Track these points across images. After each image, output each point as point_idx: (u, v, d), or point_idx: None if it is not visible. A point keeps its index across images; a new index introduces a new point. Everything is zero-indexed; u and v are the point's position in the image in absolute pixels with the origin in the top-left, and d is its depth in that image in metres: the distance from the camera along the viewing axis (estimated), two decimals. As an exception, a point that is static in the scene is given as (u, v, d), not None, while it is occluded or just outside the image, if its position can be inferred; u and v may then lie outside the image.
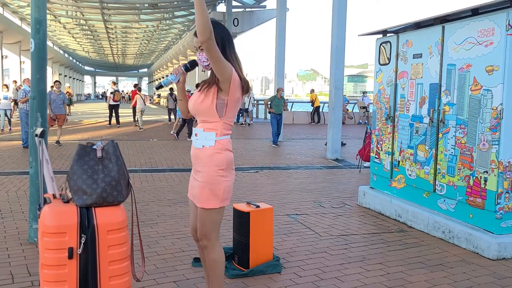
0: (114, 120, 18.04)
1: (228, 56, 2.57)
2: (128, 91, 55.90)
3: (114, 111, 17.96)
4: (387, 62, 5.69)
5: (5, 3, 26.25)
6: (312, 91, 24.67)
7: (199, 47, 2.57)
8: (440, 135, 4.76)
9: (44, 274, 2.09)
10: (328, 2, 11.18)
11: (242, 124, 20.65)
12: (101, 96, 70.19)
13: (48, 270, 2.08)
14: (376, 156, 5.93)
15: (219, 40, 2.53)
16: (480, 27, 4.23)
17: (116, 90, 18.14)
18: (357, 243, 4.48)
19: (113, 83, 19.21)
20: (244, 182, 7.46)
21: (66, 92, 21.17)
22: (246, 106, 20.31)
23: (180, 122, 14.84)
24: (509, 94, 4.02)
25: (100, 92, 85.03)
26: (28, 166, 4.35)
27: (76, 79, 64.30)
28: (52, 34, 36.45)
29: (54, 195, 2.30)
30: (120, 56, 55.47)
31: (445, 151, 4.69)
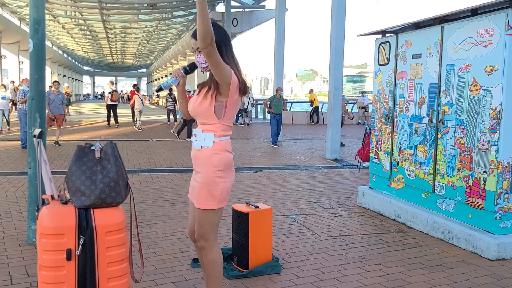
0: (113, 120, 18.01)
1: (226, 58, 2.55)
2: (127, 91, 55.92)
3: (112, 111, 17.95)
4: (386, 62, 5.68)
5: (4, 3, 26.22)
6: (311, 91, 24.67)
7: (197, 49, 2.56)
8: (440, 136, 4.75)
9: (42, 275, 2.08)
10: (327, 2, 11.18)
11: (241, 124, 20.64)
12: (100, 96, 70.15)
13: (46, 271, 2.07)
14: (376, 157, 5.93)
15: (217, 42, 2.52)
16: (479, 27, 4.23)
17: (114, 90, 18.13)
18: (356, 243, 4.47)
19: (111, 83, 19.21)
20: (243, 182, 7.45)
21: (64, 92, 21.14)
22: (245, 106, 20.31)
23: (181, 122, 14.84)
24: (508, 95, 4.02)
25: (99, 92, 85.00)
26: (27, 167, 4.34)
27: (75, 79, 64.23)
28: (51, 34, 36.41)
29: (52, 196, 2.29)
30: (119, 56, 55.42)
31: (444, 151, 4.69)
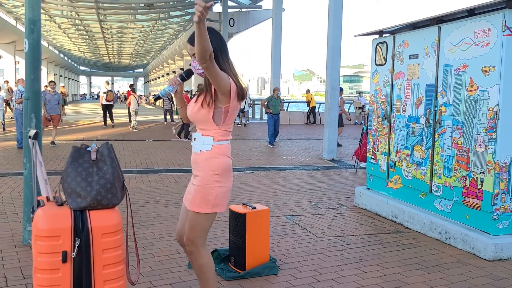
0: (109, 120, 17.99)
1: (222, 64, 2.53)
2: (123, 91, 55.78)
3: (107, 111, 17.93)
4: (383, 63, 5.68)
5: (-1, 3, 26.13)
6: (308, 91, 24.68)
7: (193, 54, 2.53)
8: (437, 136, 4.75)
9: (38, 278, 2.06)
10: (324, 2, 11.18)
11: (238, 124, 20.64)
12: (96, 97, 70.00)
13: (42, 274, 2.05)
14: (373, 157, 5.92)
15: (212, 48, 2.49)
16: (476, 28, 4.23)
17: (109, 90, 18.11)
18: (353, 244, 4.47)
19: (106, 82, 19.17)
20: (240, 182, 7.44)
21: (60, 92, 21.09)
22: (242, 107, 20.31)
23: (181, 122, 14.82)
24: (505, 95, 4.02)
25: (96, 92, 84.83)
26: (22, 168, 4.31)
27: (72, 79, 64.04)
28: (47, 34, 36.28)
29: (48, 197, 2.27)
30: (115, 56, 55.28)
31: (441, 151, 4.69)
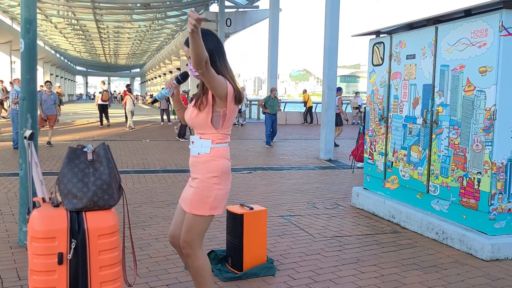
0: (105, 120, 17.96)
1: (219, 67, 2.53)
2: (120, 91, 55.67)
3: (103, 111, 17.91)
4: (380, 63, 5.68)
5: (-5, 2, 26.02)
6: (305, 91, 24.67)
7: (190, 56, 2.51)
8: (434, 136, 4.75)
9: (33, 280, 2.04)
10: (321, 2, 11.19)
11: (235, 124, 20.62)
12: (93, 97, 69.85)
13: (37, 276, 2.03)
14: (370, 157, 5.92)
15: (208, 52, 2.48)
16: (473, 28, 4.23)
17: (104, 90, 18.08)
18: (351, 244, 4.46)
19: (102, 82, 19.13)
20: (237, 183, 7.43)
21: (55, 92, 21.03)
22: (239, 107, 20.31)
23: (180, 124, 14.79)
24: (502, 95, 4.02)
25: (92, 92, 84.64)
26: (18, 168, 4.29)
27: (68, 79, 63.85)
28: (43, 34, 36.16)
29: (43, 199, 2.25)
30: (112, 56, 55.18)
31: (438, 152, 4.69)
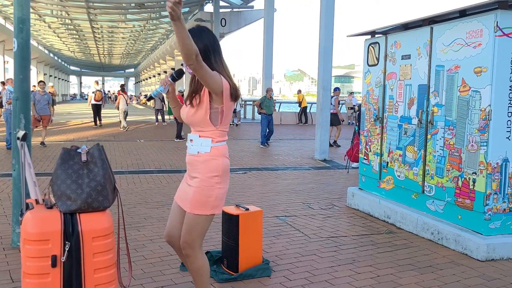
0: (103, 120, 17.94)
1: (215, 64, 2.51)
2: (114, 91, 55.48)
3: (97, 111, 17.88)
4: (375, 63, 5.68)
5: (-12, 2, 25.81)
6: (299, 91, 24.68)
7: None
8: (429, 136, 4.76)
9: (26, 283, 2.01)
10: (316, 2, 11.19)
11: (230, 124, 20.57)
12: (87, 97, 69.59)
13: (31, 279, 2.00)
14: (365, 157, 5.92)
15: (203, 48, 2.47)
16: (468, 29, 4.24)
17: (98, 90, 18.02)
18: (346, 245, 4.45)
19: (96, 82, 19.06)
20: (232, 183, 7.41)
21: (48, 92, 20.92)
22: (234, 107, 20.28)
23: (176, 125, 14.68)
24: (497, 96, 4.03)
25: (86, 92, 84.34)
26: (11, 169, 4.24)
27: (62, 79, 63.53)
28: (37, 34, 35.94)
29: (37, 200, 2.22)
30: (106, 56, 54.95)
31: (433, 152, 4.69)
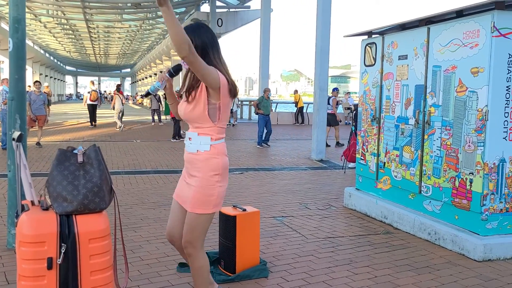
0: (98, 120, 17.87)
1: (213, 60, 2.49)
2: (110, 91, 55.31)
3: (92, 111, 17.85)
4: (372, 63, 5.68)
5: (-17, 1, 25.67)
6: (296, 91, 24.69)
7: None
8: (426, 137, 4.76)
9: (22, 285, 1.99)
10: (312, 3, 11.20)
11: (227, 124, 20.57)
12: (82, 97, 69.41)
13: (26, 281, 1.98)
14: (362, 158, 5.92)
15: (201, 45, 2.45)
16: (465, 29, 4.24)
17: (93, 90, 17.99)
18: (344, 245, 4.45)
19: (91, 82, 19.04)
20: (229, 183, 7.32)
21: (43, 92, 20.87)
22: (231, 106, 20.25)
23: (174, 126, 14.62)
24: (494, 96, 4.03)
25: (82, 92, 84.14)
26: (7, 169, 4.21)
27: (58, 79, 63.32)
28: (32, 33, 35.81)
29: (32, 202, 2.20)
30: (102, 56, 54.83)
31: (430, 152, 4.69)
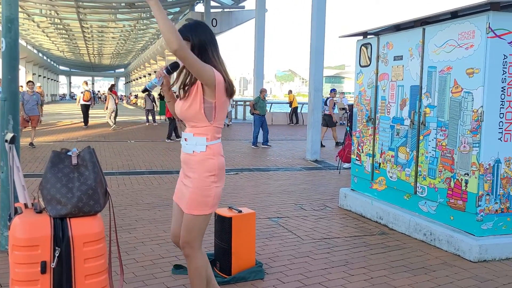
0: (90, 121, 17.78)
1: (211, 58, 2.47)
2: (104, 92, 55.12)
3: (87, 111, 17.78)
4: (367, 64, 5.68)
5: (-25, 0, 25.47)
6: (290, 92, 24.69)
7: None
8: (421, 137, 4.76)
9: (15, 290, 1.96)
10: (307, 3, 11.20)
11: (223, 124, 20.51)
12: (76, 97, 69.11)
13: (19, 286, 1.95)
14: (357, 158, 5.92)
15: (199, 43, 2.44)
16: (460, 30, 4.25)
17: (86, 90, 17.91)
18: (339, 246, 4.44)
19: (85, 83, 18.96)
20: (224, 184, 7.35)
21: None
22: (228, 107, 20.21)
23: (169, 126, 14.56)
24: (489, 97, 4.04)
25: (76, 92, 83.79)
26: (-1, 171, 4.17)
27: (51, 79, 62.96)
28: (26, 33, 35.55)
29: (25, 204, 2.17)
30: (96, 56, 54.53)
31: (426, 153, 4.70)
